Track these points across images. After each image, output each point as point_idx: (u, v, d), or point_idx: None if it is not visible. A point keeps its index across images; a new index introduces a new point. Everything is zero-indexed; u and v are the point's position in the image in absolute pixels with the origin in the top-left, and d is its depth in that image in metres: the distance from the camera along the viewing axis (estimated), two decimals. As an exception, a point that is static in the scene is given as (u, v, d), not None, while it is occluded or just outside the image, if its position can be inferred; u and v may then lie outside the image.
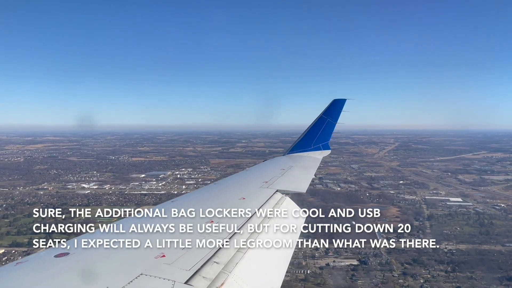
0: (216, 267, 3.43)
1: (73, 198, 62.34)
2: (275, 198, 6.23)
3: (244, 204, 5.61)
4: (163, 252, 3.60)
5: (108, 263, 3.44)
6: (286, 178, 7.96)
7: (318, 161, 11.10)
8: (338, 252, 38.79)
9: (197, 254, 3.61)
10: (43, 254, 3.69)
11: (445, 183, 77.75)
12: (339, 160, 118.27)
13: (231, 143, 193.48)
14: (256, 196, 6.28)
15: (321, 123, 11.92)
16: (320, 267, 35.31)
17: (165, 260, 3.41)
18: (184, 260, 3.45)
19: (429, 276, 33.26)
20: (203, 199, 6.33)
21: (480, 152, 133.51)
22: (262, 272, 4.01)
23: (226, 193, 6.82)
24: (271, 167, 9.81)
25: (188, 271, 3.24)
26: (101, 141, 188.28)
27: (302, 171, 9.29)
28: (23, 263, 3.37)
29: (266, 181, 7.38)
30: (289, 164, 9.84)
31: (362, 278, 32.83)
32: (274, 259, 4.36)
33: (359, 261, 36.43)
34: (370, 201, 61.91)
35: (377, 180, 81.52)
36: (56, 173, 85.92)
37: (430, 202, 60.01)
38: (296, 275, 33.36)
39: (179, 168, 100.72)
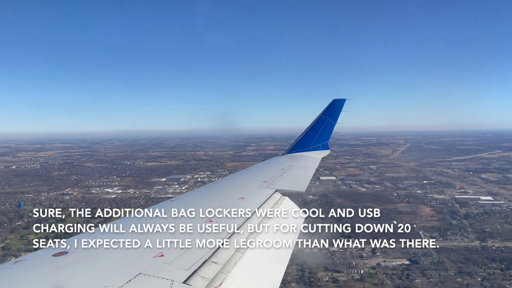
0: (215, 267, 3.42)
1: (101, 202, 62.02)
2: (274, 198, 6.16)
3: (243, 203, 5.54)
4: (161, 251, 3.59)
5: (106, 262, 3.42)
6: (285, 177, 7.89)
7: (317, 161, 11.01)
8: (385, 252, 38.31)
9: (196, 254, 3.59)
10: (42, 253, 3.66)
11: (470, 182, 77.23)
12: (355, 162, 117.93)
13: (240, 146, 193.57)
14: (255, 195, 6.19)
15: (321, 123, 11.86)
16: (371, 267, 34.84)
17: (164, 260, 3.40)
18: (183, 260, 3.44)
19: (485, 274, 32.68)
20: (202, 198, 6.27)
21: (495, 151, 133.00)
22: (261, 272, 3.97)
23: (225, 193, 6.75)
24: (270, 166, 9.77)
25: (186, 270, 3.23)
26: (111, 147, 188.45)
27: (302, 171, 9.20)
28: (22, 261, 3.34)
29: (265, 181, 7.31)
30: (288, 163, 9.76)
31: (419, 278, 32.29)
32: (273, 259, 4.32)
33: (409, 261, 35.93)
34: (400, 201, 61.40)
35: (400, 180, 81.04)
36: (77, 179, 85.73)
37: (461, 201, 59.47)
38: (351, 275, 32.91)
39: (197, 171, 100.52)
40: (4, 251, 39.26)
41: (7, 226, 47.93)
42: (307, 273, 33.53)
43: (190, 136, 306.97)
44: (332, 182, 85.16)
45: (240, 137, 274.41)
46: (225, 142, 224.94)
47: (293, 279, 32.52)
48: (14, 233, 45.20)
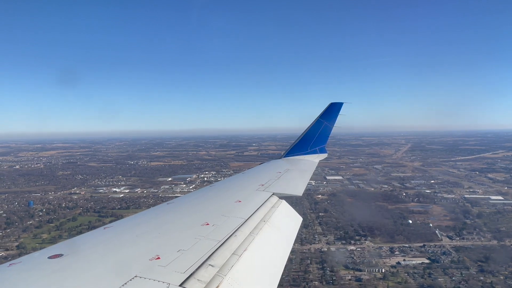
0: (211, 270, 3.38)
1: (110, 201, 61.54)
2: (271, 201, 6.05)
3: (240, 207, 5.47)
4: (158, 254, 3.54)
5: (102, 264, 3.36)
6: (282, 181, 7.82)
7: (314, 165, 10.86)
8: (404, 251, 38.11)
9: (192, 257, 3.54)
10: (37, 255, 3.60)
11: (477, 182, 77.18)
12: (359, 161, 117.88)
13: (242, 147, 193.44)
14: (252, 199, 6.09)
15: (318, 127, 11.71)
16: (391, 265, 34.60)
17: (160, 262, 3.36)
18: (179, 263, 3.40)
19: (506, 273, 32.52)
20: (199, 201, 6.18)
21: (498, 151, 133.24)
22: (258, 275, 3.90)
23: (222, 196, 6.68)
24: (267, 170, 9.66)
25: (183, 273, 3.19)
26: (112, 147, 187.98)
27: (299, 175, 9.10)
28: (17, 264, 3.31)
29: (262, 184, 7.23)
30: (285, 167, 9.66)
31: (441, 276, 32.06)
32: (269, 262, 4.27)
33: (429, 259, 35.72)
34: (410, 200, 61.19)
35: (407, 180, 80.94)
36: (82, 178, 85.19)
37: (472, 200, 59.35)
38: (373, 274, 32.67)
39: (202, 171, 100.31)
40: (19, 249, 38.82)
41: (19, 225, 47.33)
42: (328, 272, 33.33)
43: (190, 136, 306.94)
44: (339, 181, 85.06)
45: (241, 137, 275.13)
46: (225, 142, 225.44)
47: (315, 278, 32.21)
48: (27, 232, 44.67)
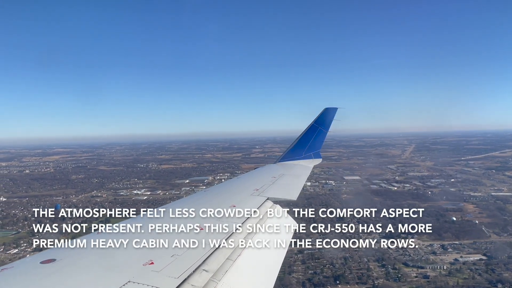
0: (205, 275, 3.37)
1: (135, 204, 60.52)
2: (266, 206, 6.19)
3: (234, 211, 5.57)
4: (151, 259, 3.52)
5: (95, 269, 3.36)
6: (277, 186, 7.94)
7: (309, 170, 11.02)
8: (456, 247, 37.75)
9: (186, 262, 3.54)
10: (29, 260, 3.57)
11: (498, 180, 77.34)
12: (370, 162, 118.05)
13: (245, 149, 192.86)
14: (247, 203, 6.20)
15: (313, 132, 11.78)
16: (450, 262, 34.21)
17: (153, 268, 3.35)
18: (173, 268, 3.39)
19: None
20: (193, 205, 6.09)
21: (505, 150, 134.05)
22: (252, 280, 3.94)
23: (216, 200, 6.75)
24: (262, 174, 9.87)
25: (176, 279, 3.16)
26: (114, 151, 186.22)
27: (293, 179, 9.27)
28: (8, 269, 3.27)
29: (257, 189, 7.31)
30: (280, 172, 9.78)
31: (505, 272, 31.74)
32: (264, 267, 4.31)
33: (485, 256, 35.40)
34: (439, 198, 60.99)
35: (427, 179, 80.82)
36: (98, 182, 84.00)
37: (501, 198, 59.32)
38: (438, 271, 32.23)
39: (216, 173, 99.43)
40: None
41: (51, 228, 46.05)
42: (390, 269, 32.82)
43: (189, 140, 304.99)
44: (358, 181, 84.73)
45: (241, 140, 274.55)
46: (227, 145, 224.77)
47: (379, 276, 31.75)
48: (64, 235, 43.52)
